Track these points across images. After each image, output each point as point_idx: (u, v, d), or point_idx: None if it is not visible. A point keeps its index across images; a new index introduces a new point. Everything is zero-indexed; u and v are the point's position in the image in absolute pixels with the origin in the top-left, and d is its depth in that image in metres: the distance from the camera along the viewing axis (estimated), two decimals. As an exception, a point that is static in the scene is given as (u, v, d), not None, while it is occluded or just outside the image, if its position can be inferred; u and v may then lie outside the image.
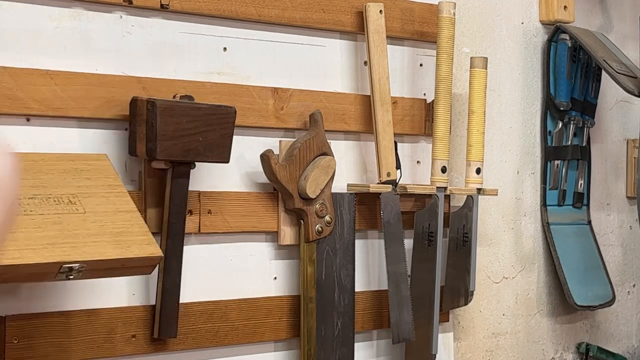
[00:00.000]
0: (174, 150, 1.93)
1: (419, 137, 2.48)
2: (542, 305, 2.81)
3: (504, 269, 2.72)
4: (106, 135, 1.97)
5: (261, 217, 2.18)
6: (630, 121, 2.99)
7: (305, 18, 2.25)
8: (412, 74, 2.48)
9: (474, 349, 2.65)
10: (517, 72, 2.74)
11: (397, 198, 2.34)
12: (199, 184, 2.08)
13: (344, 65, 2.35)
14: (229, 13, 2.13)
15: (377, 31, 2.31)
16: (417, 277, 2.42)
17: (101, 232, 1.75)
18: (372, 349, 2.42)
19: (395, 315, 2.34)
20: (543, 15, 2.78)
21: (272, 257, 2.23)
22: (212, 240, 2.13)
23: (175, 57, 2.07)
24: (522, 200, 2.75)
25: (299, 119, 2.23)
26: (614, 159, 3.01)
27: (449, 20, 2.39)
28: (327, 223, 2.23)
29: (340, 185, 2.31)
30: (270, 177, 2.16)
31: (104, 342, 1.96)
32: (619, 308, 2.98)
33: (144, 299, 2.02)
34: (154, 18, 2.05)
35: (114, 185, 1.85)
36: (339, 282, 2.27)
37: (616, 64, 2.70)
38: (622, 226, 3.02)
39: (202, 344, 2.10)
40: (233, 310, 2.14)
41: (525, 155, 2.76)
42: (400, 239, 2.35)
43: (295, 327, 2.23)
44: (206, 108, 1.99)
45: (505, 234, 2.72)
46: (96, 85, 1.94)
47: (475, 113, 2.47)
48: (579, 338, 2.91)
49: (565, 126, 2.79)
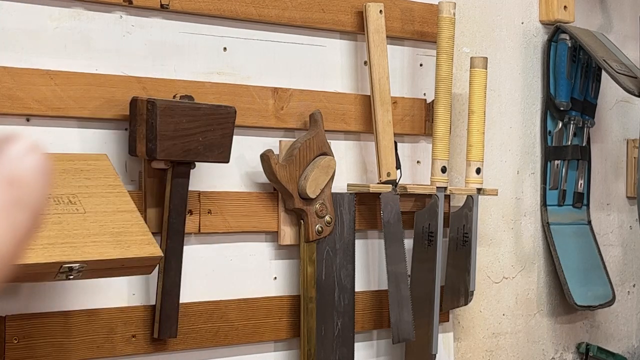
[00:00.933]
0: (174, 150, 1.93)
1: (419, 137, 2.48)
2: (542, 305, 2.81)
3: (504, 269, 2.72)
4: (106, 135, 1.97)
5: (261, 217, 2.18)
6: (630, 121, 2.99)
7: (305, 18, 2.25)
8: (412, 74, 2.48)
9: (474, 349, 2.65)
10: (517, 72, 2.74)
11: (397, 198, 2.34)
12: (199, 184, 2.08)
13: (344, 65, 2.35)
14: (229, 13, 2.13)
15: (377, 31, 2.31)
16: (417, 277, 2.42)
17: (101, 232, 1.75)
18: (372, 349, 2.42)
19: (395, 315, 2.34)
20: (543, 15, 2.78)
21: (272, 257, 2.23)
22: (212, 240, 2.12)
23: (175, 57, 2.07)
24: (522, 200, 2.75)
25: (299, 119, 2.23)
26: (614, 159, 3.01)
27: (449, 20, 2.39)
28: (327, 223, 2.23)
29: (340, 185, 2.31)
30: (270, 177, 2.16)
31: (104, 342, 1.96)
32: (619, 308, 2.98)
33: (144, 299, 2.02)
34: (154, 18, 2.05)
35: (114, 185, 1.85)
36: (339, 282, 2.27)
37: (616, 64, 2.70)
38: (622, 226, 3.02)
39: (202, 344, 2.09)
40: (233, 310, 2.14)
41: (525, 155, 2.76)
42: (400, 239, 2.35)
43: (295, 327, 2.23)
44: (206, 108, 1.99)
45: (505, 234, 2.72)
46: (96, 85, 1.94)
47: (475, 113, 2.47)
48: (579, 338, 2.91)
49: (565, 126, 2.79)
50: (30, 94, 1.87)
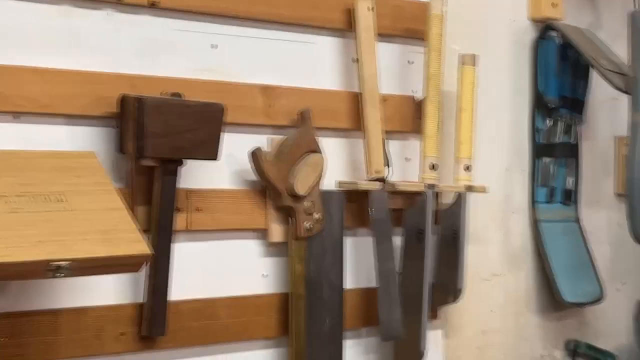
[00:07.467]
0: (163, 147, 1.93)
1: (408, 135, 2.48)
2: (532, 303, 2.81)
3: (493, 267, 2.72)
4: (95, 133, 1.97)
5: (250, 215, 2.18)
6: (619, 119, 2.99)
7: (295, 15, 2.25)
8: (402, 72, 2.48)
9: (463, 346, 2.65)
10: (507, 70, 2.74)
11: (386, 195, 2.34)
12: (188, 181, 2.08)
13: (333, 62, 2.34)
14: (218, 10, 2.13)
15: (367, 28, 2.31)
16: (407, 275, 2.42)
17: (90, 230, 1.75)
18: (361, 346, 2.42)
19: (385, 313, 2.34)
20: (532, 12, 2.78)
21: (262, 254, 2.23)
22: (201, 238, 2.12)
23: (165, 54, 2.07)
24: (511, 197, 2.76)
25: (288, 116, 2.23)
26: (603, 157, 3.01)
27: (439, 18, 2.39)
28: (317, 220, 2.23)
29: (330, 183, 2.31)
30: (259, 175, 2.16)
31: (92, 340, 1.95)
32: (608, 305, 2.98)
33: (133, 297, 2.02)
34: (143, 15, 2.04)
35: (103, 183, 1.84)
36: (328, 279, 2.27)
37: (605, 62, 2.71)
38: (611, 223, 3.02)
39: (191, 341, 2.09)
40: (222, 308, 2.14)
41: (514, 152, 2.76)
42: (390, 237, 2.35)
43: (285, 325, 2.23)
44: (195, 105, 1.99)
45: (494, 232, 2.72)
46: (85, 83, 1.94)
47: (464, 110, 2.47)
48: (568, 335, 2.91)
49: (555, 123, 2.80)
50: (19, 91, 1.86)
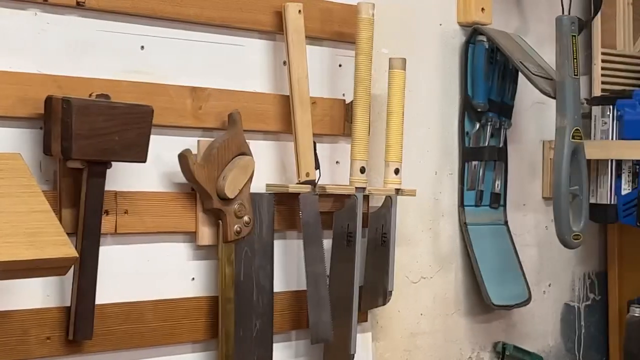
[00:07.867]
0: (89, 149, 1.91)
1: (338, 138, 2.49)
2: (460, 305, 2.83)
3: (422, 269, 2.73)
4: (20, 134, 1.94)
5: (179, 218, 2.17)
6: (546, 123, 3.03)
7: (224, 17, 2.24)
8: (332, 75, 2.48)
9: (392, 348, 2.66)
10: (436, 74, 2.76)
11: (316, 198, 2.34)
12: (116, 183, 2.06)
13: (263, 65, 2.34)
14: (146, 11, 2.11)
15: (296, 31, 2.31)
16: (336, 278, 2.42)
17: (14, 232, 1.72)
18: (291, 349, 2.41)
19: (314, 316, 2.34)
20: (461, 17, 2.80)
21: (190, 257, 2.21)
22: (129, 241, 2.10)
23: (92, 55, 2.05)
24: (440, 200, 2.77)
25: (217, 118, 2.22)
26: (530, 160, 3.05)
27: (368, 21, 2.39)
28: (246, 223, 2.22)
29: (259, 186, 2.30)
30: (188, 177, 2.15)
31: (17, 345, 1.93)
32: (534, 307, 3.01)
33: (58, 300, 1.99)
34: (70, 15, 2.02)
35: (28, 185, 1.82)
36: (257, 282, 2.26)
37: (533, 66, 2.74)
38: (538, 226, 3.06)
39: (118, 345, 2.07)
40: (150, 311, 2.12)
41: (443, 155, 2.78)
42: (319, 240, 2.35)
43: (214, 328, 2.22)
44: (123, 107, 1.98)
45: (423, 234, 2.74)
46: (10, 84, 1.91)
47: (393, 114, 2.48)
48: (496, 337, 2.94)
49: (483, 127, 2.82)
50: (-59, 91, 1.83)
